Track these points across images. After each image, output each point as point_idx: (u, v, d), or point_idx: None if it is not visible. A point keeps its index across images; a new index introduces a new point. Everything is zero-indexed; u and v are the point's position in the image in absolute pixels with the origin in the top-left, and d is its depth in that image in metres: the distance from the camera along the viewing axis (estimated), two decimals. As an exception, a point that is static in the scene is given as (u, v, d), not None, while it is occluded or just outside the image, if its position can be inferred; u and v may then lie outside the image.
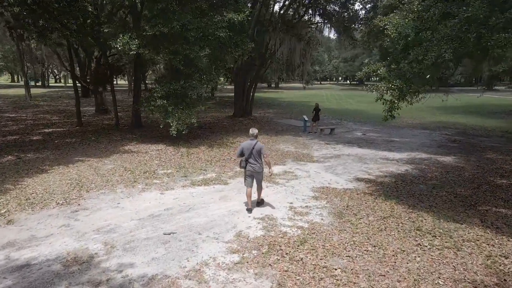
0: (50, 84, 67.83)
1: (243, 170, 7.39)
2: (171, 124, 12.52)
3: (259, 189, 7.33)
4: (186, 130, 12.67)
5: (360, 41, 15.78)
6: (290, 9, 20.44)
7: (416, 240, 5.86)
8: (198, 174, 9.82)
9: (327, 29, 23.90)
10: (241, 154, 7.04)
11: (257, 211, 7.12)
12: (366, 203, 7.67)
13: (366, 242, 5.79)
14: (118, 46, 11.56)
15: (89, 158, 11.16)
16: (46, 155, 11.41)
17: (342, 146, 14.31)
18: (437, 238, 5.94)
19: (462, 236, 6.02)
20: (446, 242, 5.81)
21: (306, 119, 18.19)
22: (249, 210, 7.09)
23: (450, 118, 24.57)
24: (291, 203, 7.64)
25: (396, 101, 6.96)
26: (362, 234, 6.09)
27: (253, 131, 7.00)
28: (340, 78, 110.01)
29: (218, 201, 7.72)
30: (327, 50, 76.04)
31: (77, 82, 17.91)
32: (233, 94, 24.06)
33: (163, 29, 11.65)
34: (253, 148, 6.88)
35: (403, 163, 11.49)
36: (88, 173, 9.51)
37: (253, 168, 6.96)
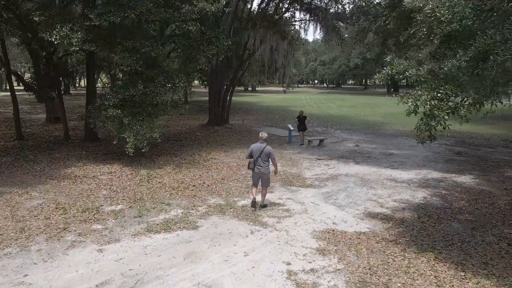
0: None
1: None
2: (127, 139, 9.91)
3: (264, 190, 7.51)
4: (147, 147, 10.08)
5: (355, 39, 13.81)
6: (272, 4, 18.16)
7: None
8: (159, 211, 7.28)
9: (312, 26, 21.79)
10: (250, 156, 7.37)
11: (243, 287, 4.70)
12: (393, 259, 5.41)
13: None
14: (53, 40, 8.87)
15: (12, 188, 8.37)
16: (-45, 184, 8.54)
17: (336, 162, 12.10)
18: None
19: None
20: None
21: (292, 128, 15.92)
22: (253, 204, 7.27)
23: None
24: (289, 263, 5.26)
25: (445, 116, 4.73)
26: (410, 333, 3.79)
27: (263, 134, 7.45)
28: (316, 81, 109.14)
29: (182, 263, 5.24)
30: (305, 53, 74.62)
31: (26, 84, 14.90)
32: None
33: (113, 19, 9.05)
34: (262, 151, 7.22)
35: (416, 186, 9.37)
36: (-1, 215, 6.78)
37: (259, 170, 7.29)
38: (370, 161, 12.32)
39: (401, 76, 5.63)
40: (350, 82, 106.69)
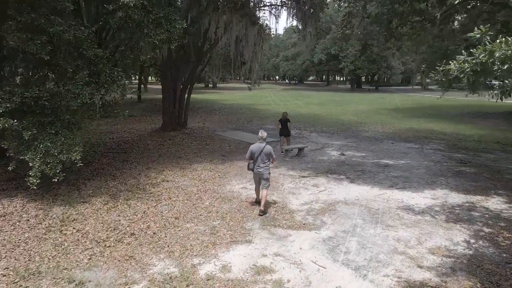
0: None
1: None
2: (30, 164, 6.59)
3: (264, 191, 7.09)
4: (62, 175, 6.80)
5: (342, 24, 11.35)
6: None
7: None
8: (59, 304, 4.16)
9: (285, 12, 19.03)
10: (251, 156, 7.15)
11: None
12: None
13: None
14: None
15: None
16: None
17: (326, 181, 9.44)
18: None
19: None
20: None
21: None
22: (259, 203, 7.21)
23: (420, 124, 21.31)
24: None
25: None
26: None
27: (263, 133, 7.17)
28: (277, 77, 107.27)
29: None
30: (268, 48, 72.08)
31: None
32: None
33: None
34: (261, 151, 7.02)
35: (444, 220, 6.90)
36: None
37: (259, 172, 7.07)
38: (367, 178, 9.80)
39: (505, 67, 2.96)
40: (311, 78, 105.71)
